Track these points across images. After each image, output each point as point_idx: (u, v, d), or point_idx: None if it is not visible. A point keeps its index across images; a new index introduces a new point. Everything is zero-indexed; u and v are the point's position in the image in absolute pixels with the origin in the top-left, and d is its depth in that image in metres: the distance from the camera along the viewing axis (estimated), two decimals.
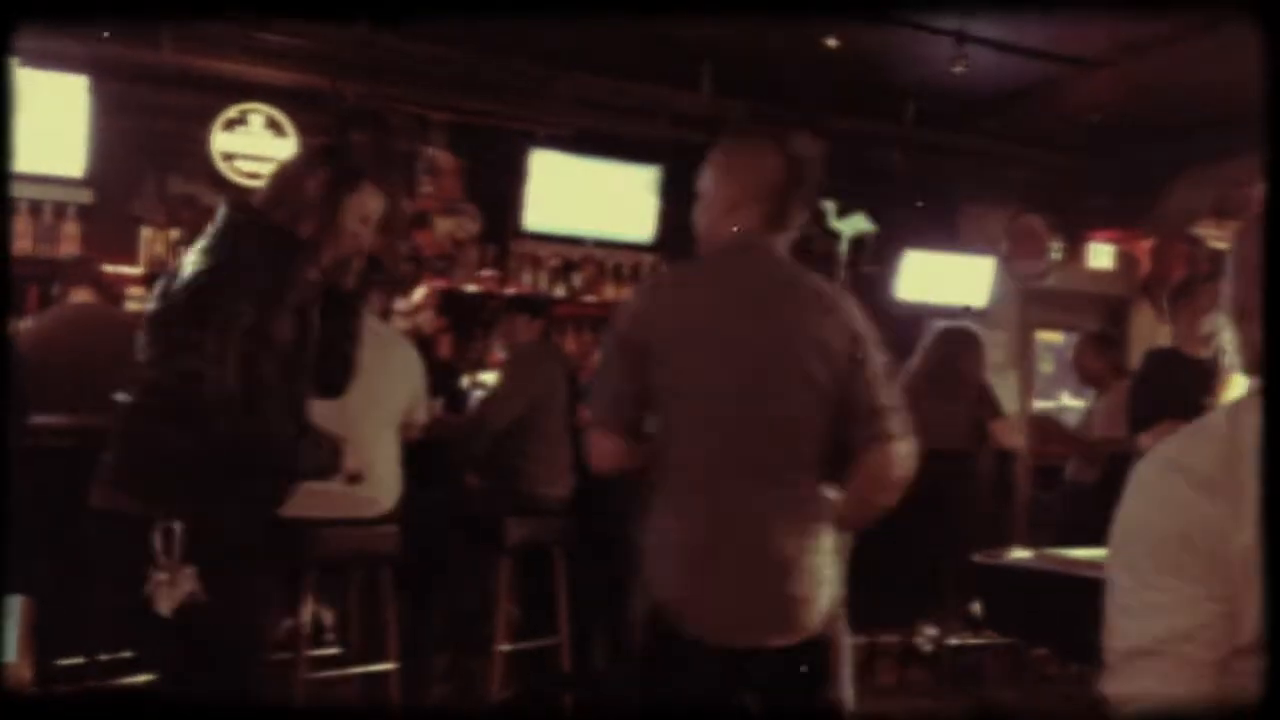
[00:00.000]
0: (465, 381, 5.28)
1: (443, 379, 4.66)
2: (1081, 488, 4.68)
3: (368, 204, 2.45)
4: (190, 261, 2.23)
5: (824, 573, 2.05)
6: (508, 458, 3.99)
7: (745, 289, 2.07)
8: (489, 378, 5.06)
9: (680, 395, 2.04)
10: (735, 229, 2.10)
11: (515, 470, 3.98)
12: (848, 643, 2.13)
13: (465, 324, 5.79)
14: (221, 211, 2.34)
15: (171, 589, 2.11)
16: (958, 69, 5.36)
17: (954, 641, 4.45)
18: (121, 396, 2.25)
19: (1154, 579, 1.26)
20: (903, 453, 2.06)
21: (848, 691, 2.13)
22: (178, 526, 2.12)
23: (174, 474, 2.17)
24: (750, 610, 2.01)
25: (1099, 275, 7.83)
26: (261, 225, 2.28)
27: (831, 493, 2.08)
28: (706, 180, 2.19)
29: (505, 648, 3.88)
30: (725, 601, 2.00)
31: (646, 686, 2.08)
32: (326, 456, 2.39)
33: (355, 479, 2.53)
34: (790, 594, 2.01)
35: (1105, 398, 4.99)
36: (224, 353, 2.10)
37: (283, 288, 2.23)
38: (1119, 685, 1.29)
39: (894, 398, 2.10)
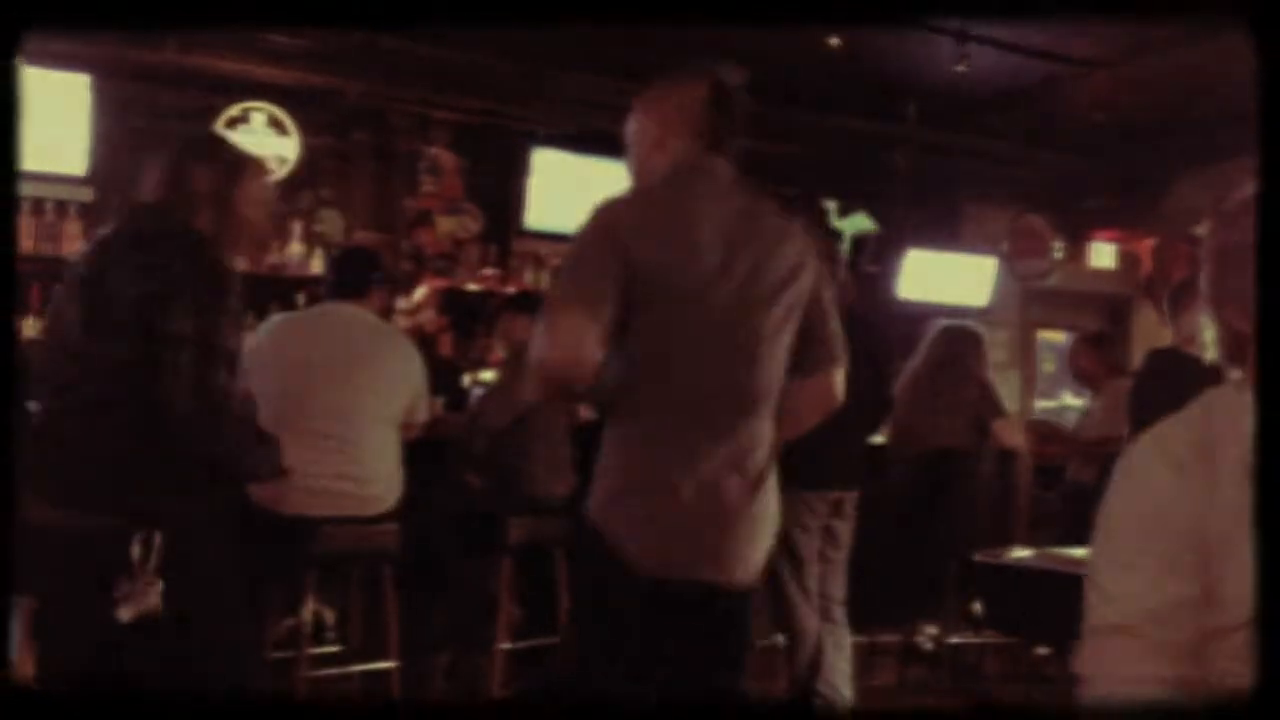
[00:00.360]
0: (467, 380, 5.28)
1: (444, 378, 4.66)
2: (1081, 487, 4.68)
3: (259, 187, 2.39)
4: (117, 275, 2.17)
5: (769, 523, 2.08)
6: (507, 457, 3.99)
7: (711, 217, 2.00)
8: (490, 376, 5.06)
9: (668, 331, 1.96)
10: (667, 159, 2.06)
11: (515, 469, 3.98)
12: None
13: (467, 323, 5.80)
14: (131, 219, 2.28)
15: (136, 599, 2.11)
16: (960, 68, 5.37)
17: (955, 640, 4.45)
18: (36, 406, 2.21)
19: (1128, 558, 1.28)
20: (840, 379, 2.14)
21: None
22: (158, 537, 2.12)
23: (146, 486, 2.16)
24: (704, 554, 2.00)
25: (1101, 275, 7.83)
26: (192, 239, 2.24)
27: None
28: (631, 126, 2.16)
29: (506, 646, 3.88)
30: (674, 539, 1.98)
31: (592, 619, 2.08)
32: (274, 455, 2.39)
33: (285, 473, 2.54)
34: (741, 536, 2.02)
35: (1101, 398, 4.99)
36: (180, 367, 2.10)
37: (222, 297, 2.22)
38: (1088, 663, 1.32)
39: (838, 323, 2.14)
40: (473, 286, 6.05)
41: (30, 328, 5.18)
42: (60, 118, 5.04)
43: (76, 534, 2.15)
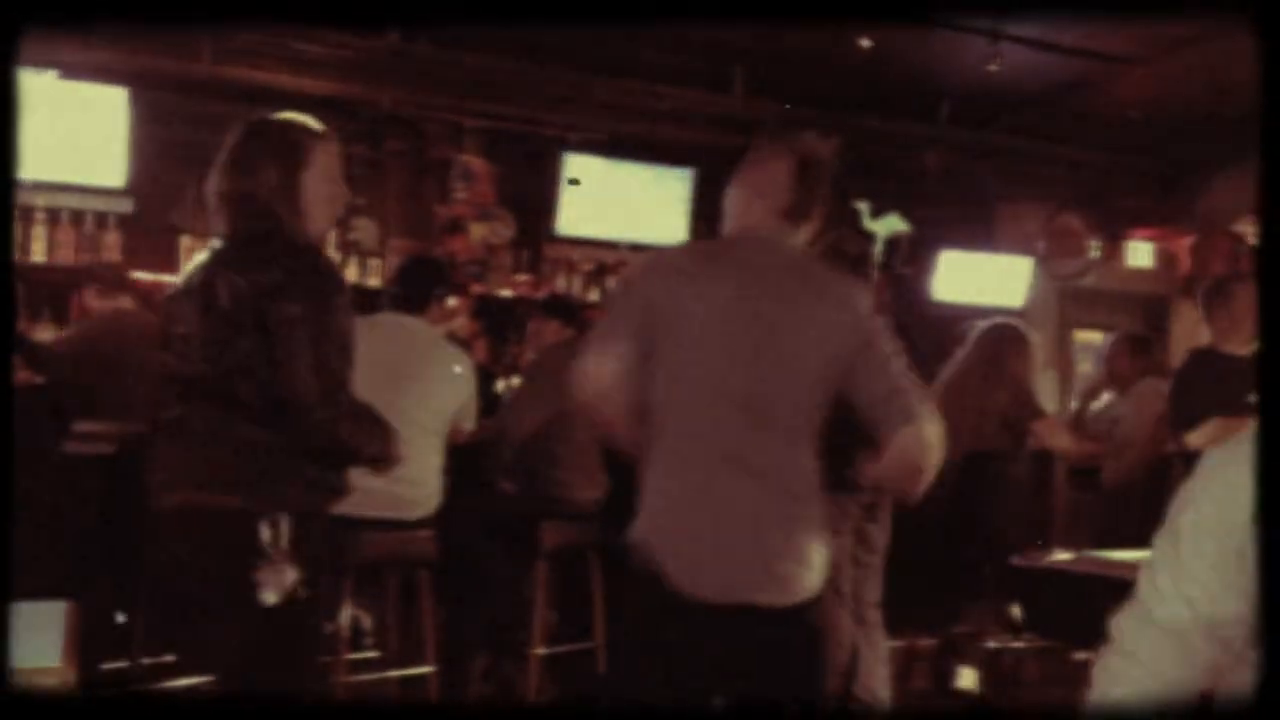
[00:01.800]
0: (500, 386, 5.30)
1: (477, 384, 4.68)
2: (1119, 489, 4.62)
3: (326, 159, 2.35)
4: (226, 277, 2.22)
5: (809, 555, 2.10)
6: (537, 463, 3.99)
7: (750, 273, 2.12)
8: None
9: (684, 367, 2.08)
10: (749, 222, 2.19)
11: (546, 476, 3.98)
12: (837, 634, 2.19)
13: (499, 329, 5.82)
14: (230, 227, 2.32)
15: (279, 579, 2.16)
16: (992, 67, 5.33)
17: (993, 644, 4.41)
18: (174, 410, 2.26)
19: (1193, 567, 1.27)
20: (932, 436, 2.08)
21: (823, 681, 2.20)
22: (285, 520, 2.17)
23: (273, 471, 2.20)
24: (734, 572, 2.05)
25: (1138, 274, 7.74)
26: (287, 232, 2.28)
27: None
28: (731, 189, 2.28)
29: (541, 651, 3.89)
30: (711, 562, 2.04)
31: (636, 639, 2.13)
32: (394, 443, 2.40)
33: (398, 461, 2.55)
34: (771, 565, 2.06)
35: (1130, 400, 4.94)
36: (295, 348, 2.15)
37: (327, 281, 2.26)
38: (1127, 638, 1.37)
39: (910, 380, 2.13)
40: (505, 292, 6.07)
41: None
42: (99, 130, 5.12)
43: (206, 520, 2.20)
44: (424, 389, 3.44)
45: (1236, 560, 1.24)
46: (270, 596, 2.15)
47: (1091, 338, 7.67)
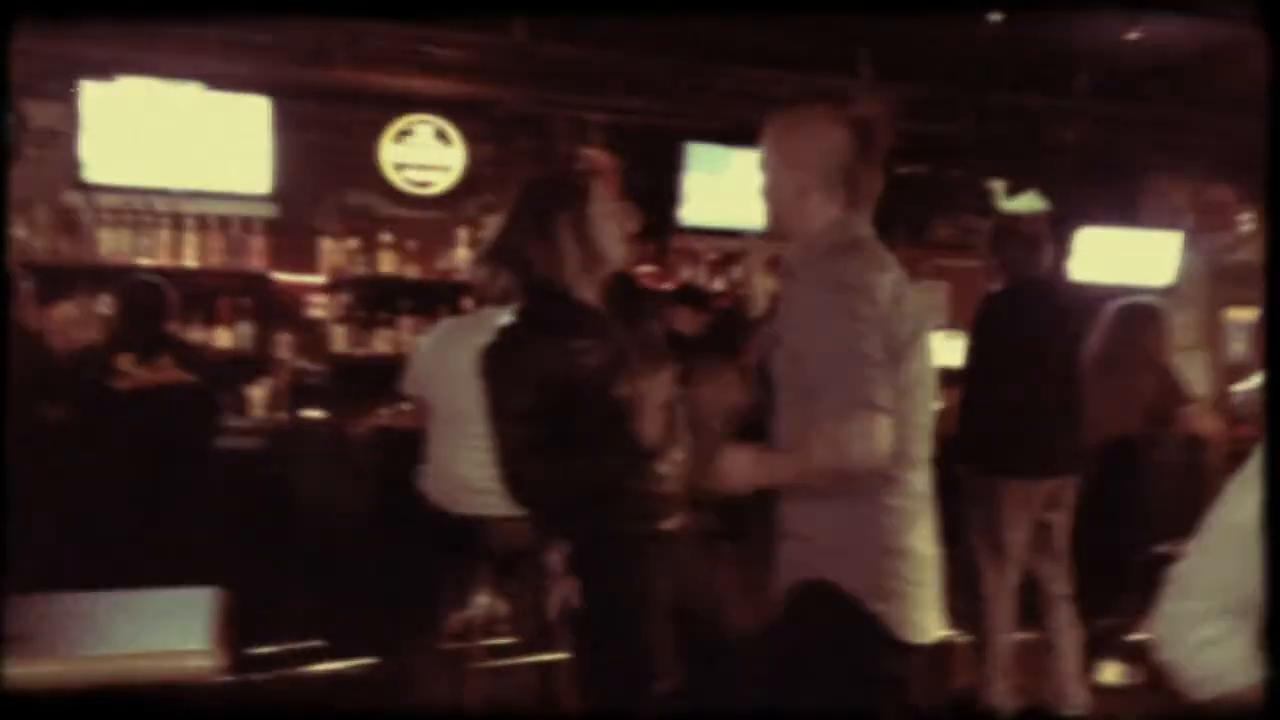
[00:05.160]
0: None
1: None
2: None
3: (602, 204, 2.33)
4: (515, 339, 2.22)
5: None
6: None
7: (898, 291, 1.94)
8: None
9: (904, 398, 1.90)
10: (817, 218, 1.98)
11: None
12: None
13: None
14: (528, 299, 2.29)
15: (561, 596, 2.24)
16: (1132, 35, 5.10)
17: (1141, 637, 4.24)
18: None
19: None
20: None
21: None
22: (566, 546, 2.23)
23: (564, 502, 2.25)
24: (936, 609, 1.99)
25: None
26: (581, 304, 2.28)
27: None
28: (767, 161, 2.05)
29: None
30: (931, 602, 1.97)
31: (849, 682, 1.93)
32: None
33: None
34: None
35: None
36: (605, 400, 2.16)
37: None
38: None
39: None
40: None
41: (221, 339, 5.51)
42: (243, 139, 5.35)
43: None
44: None
45: None
46: (553, 610, 2.27)
47: (1245, 316, 7.30)
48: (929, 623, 1.94)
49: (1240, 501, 1.50)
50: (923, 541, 1.96)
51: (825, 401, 1.83)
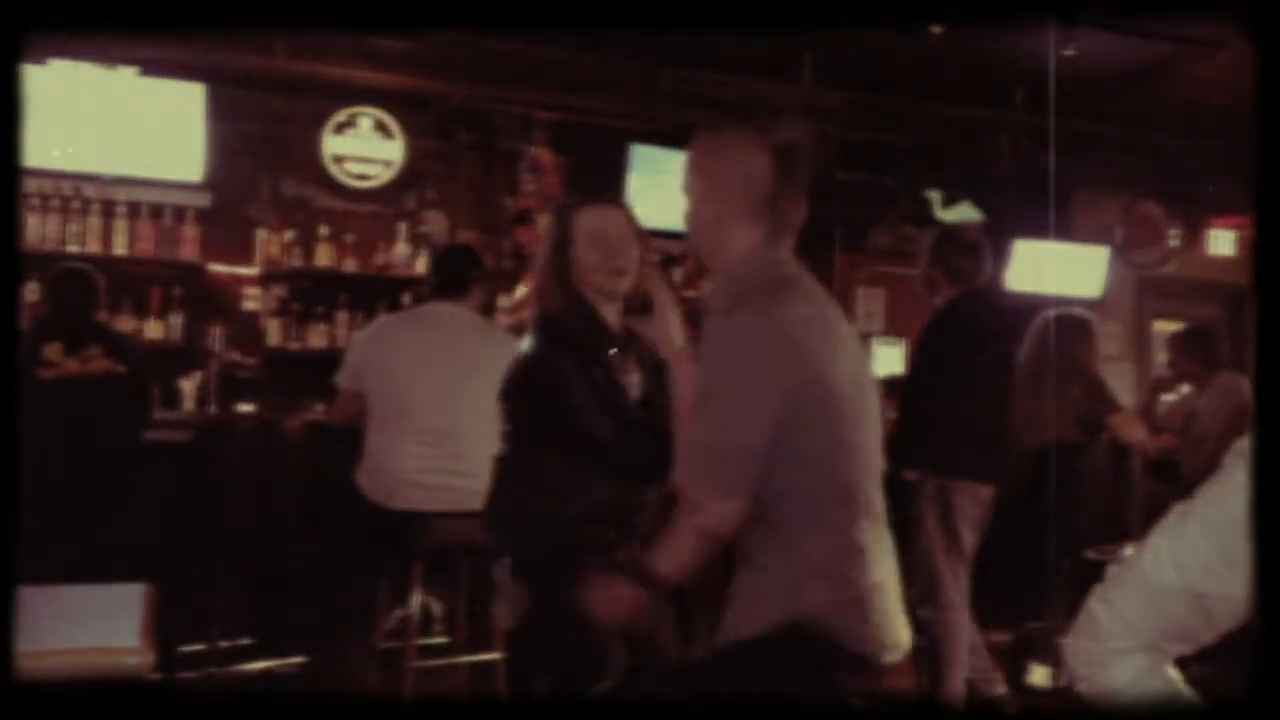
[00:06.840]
0: None
1: None
2: (1198, 483, 4.50)
3: (589, 229, 2.55)
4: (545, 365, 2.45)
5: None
6: None
7: (831, 327, 1.90)
8: None
9: (815, 437, 1.82)
10: (737, 246, 1.91)
11: None
12: None
13: None
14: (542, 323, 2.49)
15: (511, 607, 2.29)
16: (1068, 52, 5.21)
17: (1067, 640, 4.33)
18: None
19: (1194, 539, 1.49)
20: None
21: None
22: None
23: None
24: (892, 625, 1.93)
25: (1220, 263, 7.54)
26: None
27: None
28: (689, 186, 1.99)
29: None
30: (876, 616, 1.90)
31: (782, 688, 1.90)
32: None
33: None
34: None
35: (1208, 393, 4.85)
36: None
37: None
38: (1101, 608, 1.59)
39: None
40: None
41: (152, 329, 5.40)
42: (176, 126, 5.24)
43: None
44: (475, 373, 3.43)
45: (1241, 542, 1.36)
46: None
47: (1171, 329, 7.50)
48: (901, 638, 1.91)
49: (1158, 561, 1.55)
50: (886, 573, 1.92)
51: (692, 467, 1.86)
